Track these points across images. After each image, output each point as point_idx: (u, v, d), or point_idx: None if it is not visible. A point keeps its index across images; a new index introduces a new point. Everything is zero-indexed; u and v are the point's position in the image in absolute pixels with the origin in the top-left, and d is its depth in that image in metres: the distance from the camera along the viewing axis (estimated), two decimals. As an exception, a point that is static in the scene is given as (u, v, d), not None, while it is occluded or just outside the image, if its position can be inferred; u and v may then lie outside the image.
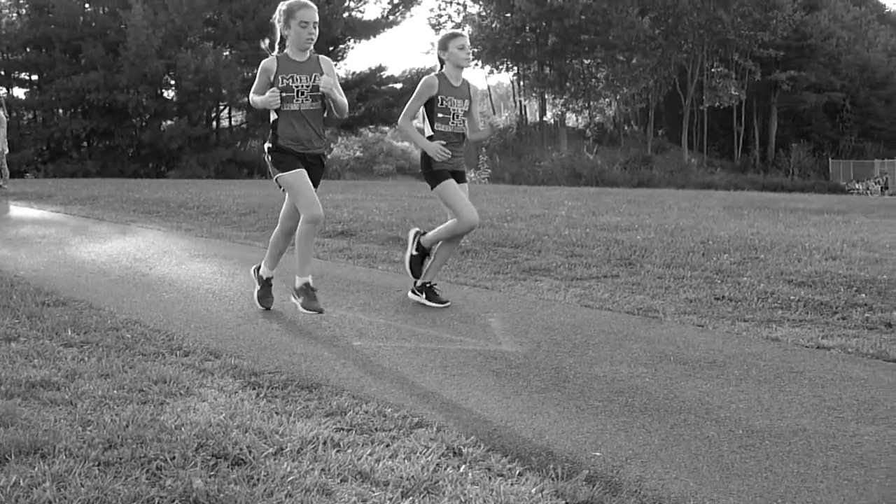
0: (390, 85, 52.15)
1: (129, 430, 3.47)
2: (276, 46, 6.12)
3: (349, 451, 3.39)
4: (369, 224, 11.88)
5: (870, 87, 68.40)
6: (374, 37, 52.56)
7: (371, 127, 54.51)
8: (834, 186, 55.36)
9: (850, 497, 3.10)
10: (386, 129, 56.44)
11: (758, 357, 5.08)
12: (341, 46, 51.43)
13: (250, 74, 45.76)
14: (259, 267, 6.58)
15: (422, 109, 6.55)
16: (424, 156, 6.50)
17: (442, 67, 6.58)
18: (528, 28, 59.24)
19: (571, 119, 66.58)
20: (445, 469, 3.24)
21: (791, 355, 5.14)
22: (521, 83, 62.73)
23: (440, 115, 6.46)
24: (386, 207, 14.68)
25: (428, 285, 6.74)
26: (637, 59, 59.16)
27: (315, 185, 6.02)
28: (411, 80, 51.37)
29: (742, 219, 13.69)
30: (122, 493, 2.90)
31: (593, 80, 62.13)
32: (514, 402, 4.20)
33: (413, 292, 6.80)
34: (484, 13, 61.18)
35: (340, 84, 6.04)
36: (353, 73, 52.07)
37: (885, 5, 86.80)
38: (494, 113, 64.82)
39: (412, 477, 3.13)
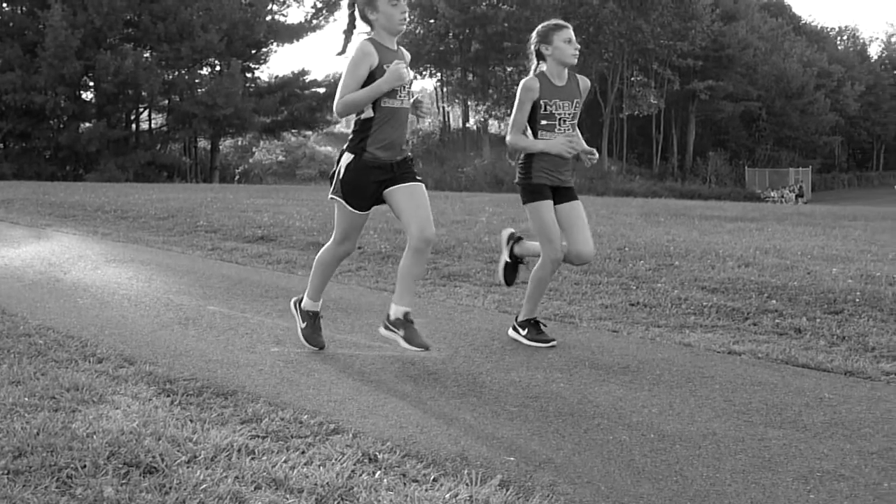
0: (313, 89, 51.94)
1: (40, 438, 3.41)
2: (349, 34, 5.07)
3: (264, 458, 3.38)
4: (290, 229, 11.82)
5: (785, 97, 70.01)
6: (298, 41, 52.46)
7: (294, 131, 54.25)
8: (750, 194, 56.52)
9: (758, 500, 3.17)
10: (308, 133, 56.15)
11: (670, 362, 5.17)
12: (264, 50, 51.12)
13: (171, 76, 45.36)
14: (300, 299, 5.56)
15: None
16: (526, 164, 5.55)
17: (539, 66, 5.58)
18: (451, 34, 59.53)
19: (494, 125, 66.96)
20: (360, 475, 3.24)
21: (703, 360, 5.24)
22: (445, 89, 62.94)
23: (544, 122, 5.50)
24: (307, 212, 14.61)
25: (533, 321, 5.73)
26: (559, 67, 59.63)
27: (414, 180, 5.01)
28: (334, 84, 51.15)
29: (658, 226, 13.90)
30: (32, 502, 2.86)
31: (515, 87, 62.56)
32: (431, 407, 4.22)
33: (514, 329, 5.77)
34: (408, 19, 61.21)
35: (262, 88, 5.74)
36: (276, 76, 51.79)
37: (800, 17, 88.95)
38: (418, 120, 64.92)
39: (327, 484, 3.13)
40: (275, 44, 51.79)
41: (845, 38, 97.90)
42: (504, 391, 4.52)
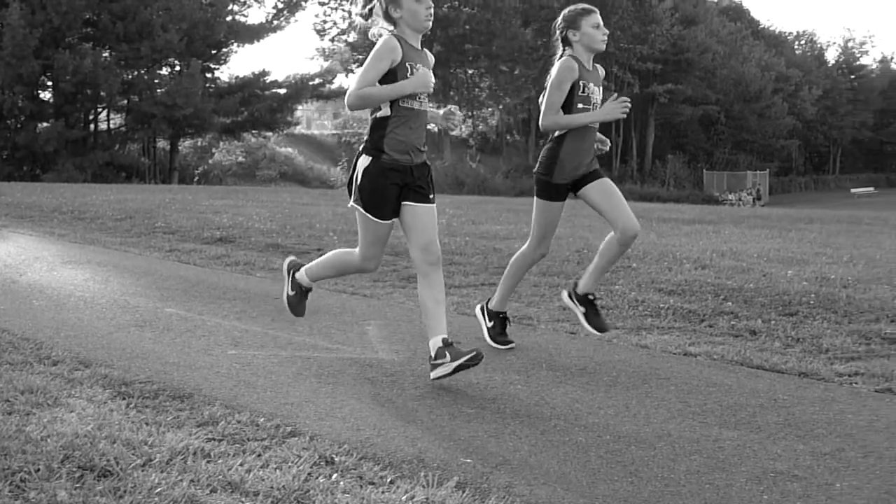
0: (274, 90, 51.73)
1: (-8, 441, 3.39)
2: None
3: (220, 461, 3.37)
4: (249, 231, 11.77)
5: (743, 101, 70.67)
6: (258, 41, 52.17)
7: (254, 132, 53.98)
8: (708, 197, 57.04)
9: (712, 500, 3.20)
10: (269, 134, 55.91)
11: (627, 364, 5.21)
12: (224, 50, 50.84)
13: (130, 76, 44.97)
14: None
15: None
16: (550, 159, 5.31)
17: (565, 51, 5.33)
18: (412, 36, 59.40)
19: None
20: (317, 478, 3.24)
21: (659, 362, 5.28)
22: (406, 91, 62.79)
23: (580, 105, 5.22)
24: (267, 214, 14.56)
25: (502, 316, 5.69)
26: (520, 69, 60.01)
27: (432, 195, 4.84)
28: (295, 85, 51.09)
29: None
30: (-18, 507, 2.84)
31: (477, 89, 62.77)
32: (389, 409, 4.23)
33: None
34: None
35: (222, 88, 5.61)
36: (236, 77, 51.50)
37: (759, 22, 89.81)
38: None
39: (283, 487, 3.13)
40: (235, 44, 51.54)
41: (803, 42, 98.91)
42: (462, 393, 4.53)
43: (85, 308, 6.57)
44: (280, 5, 51.73)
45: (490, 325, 5.67)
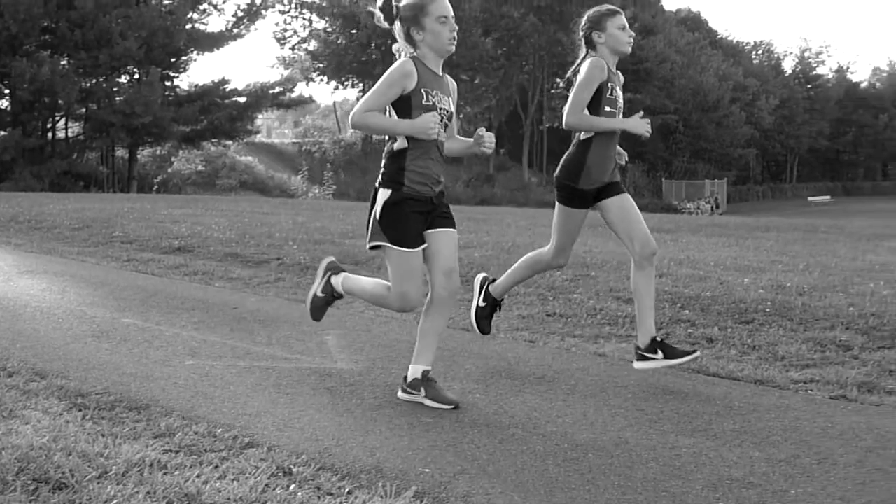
0: (234, 98, 51.42)
1: (-55, 454, 3.35)
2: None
3: (176, 473, 3.35)
4: (208, 240, 11.70)
5: (702, 110, 71.30)
6: (218, 49, 51.76)
7: (214, 141, 53.59)
8: (667, 206, 57.46)
9: (666, 507, 3.24)
10: (229, 142, 55.57)
11: (585, 372, 5.24)
12: (184, 58, 50.47)
13: (88, 84, 44.56)
14: None
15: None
16: (576, 165, 5.14)
17: (588, 53, 5.20)
18: (373, 45, 59.53)
19: (416, 136, 66.87)
20: (274, 489, 3.24)
21: (616, 370, 5.32)
22: (367, 99, 62.78)
23: (607, 108, 5.10)
24: (226, 223, 14.48)
25: (659, 340, 5.16)
26: (480, 78, 60.21)
27: (448, 224, 4.59)
28: (255, 94, 50.83)
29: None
30: (-66, 522, 2.81)
31: (438, 97, 62.76)
32: (347, 419, 4.23)
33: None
34: (330, 28, 61.20)
35: (182, 97, 5.36)
36: (196, 85, 51.14)
37: (717, 32, 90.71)
38: (340, 130, 64.81)
39: (240, 498, 3.12)
40: (195, 52, 51.16)
41: (760, 52, 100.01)
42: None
43: (41, 318, 6.50)
44: (240, 13, 51.46)
45: (482, 304, 5.57)
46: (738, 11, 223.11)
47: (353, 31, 59.30)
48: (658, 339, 5.12)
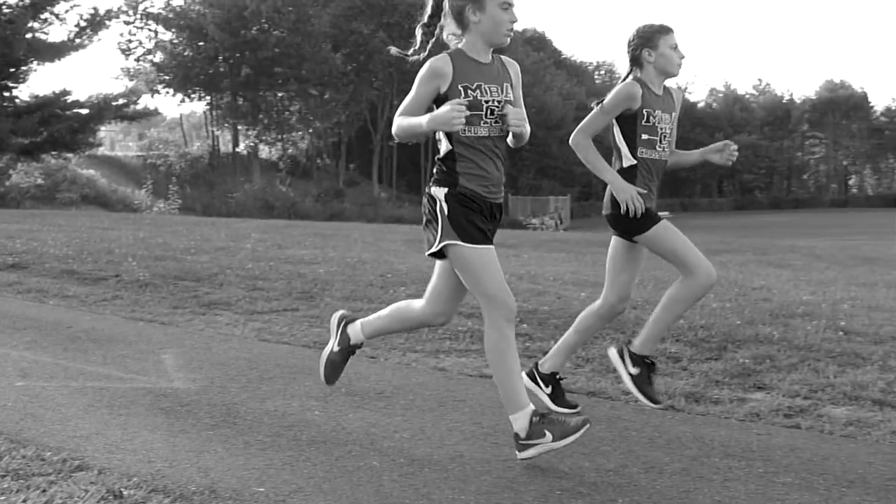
0: (75, 110, 49.90)
1: None
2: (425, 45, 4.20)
3: (2, 498, 3.25)
4: (43, 256, 11.33)
5: (546, 129, 72.67)
6: (59, 59, 50.15)
7: (54, 153, 51.87)
8: (513, 222, 58.28)
9: (497, 518, 3.31)
10: (70, 155, 53.88)
11: (424, 387, 5.29)
12: (24, 69, 48.75)
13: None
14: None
15: (616, 131, 4.71)
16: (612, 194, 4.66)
17: (634, 72, 4.77)
18: (221, 58, 58.71)
19: (265, 151, 66.40)
20: (103, 512, 3.18)
21: (455, 384, 5.39)
22: (214, 113, 61.96)
23: (645, 136, 4.63)
24: (63, 238, 14.05)
25: (649, 361, 4.92)
26: (330, 93, 60.08)
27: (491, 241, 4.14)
28: (98, 105, 49.45)
29: (420, 252, 14.14)
30: None
31: (287, 112, 62.46)
32: (182, 440, 4.17)
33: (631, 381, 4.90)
34: (176, 40, 59.99)
35: (21, 108, 4.95)
36: (36, 96, 49.44)
37: (561, 52, 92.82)
38: (186, 144, 63.65)
39: (66, 522, 3.05)
40: (35, 62, 49.47)
41: (602, 72, 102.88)
42: (258, 421, 4.51)
43: None
44: (83, 23, 49.99)
45: (635, 372, 4.91)
46: (581, 33, 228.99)
47: (201, 44, 58.31)
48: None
